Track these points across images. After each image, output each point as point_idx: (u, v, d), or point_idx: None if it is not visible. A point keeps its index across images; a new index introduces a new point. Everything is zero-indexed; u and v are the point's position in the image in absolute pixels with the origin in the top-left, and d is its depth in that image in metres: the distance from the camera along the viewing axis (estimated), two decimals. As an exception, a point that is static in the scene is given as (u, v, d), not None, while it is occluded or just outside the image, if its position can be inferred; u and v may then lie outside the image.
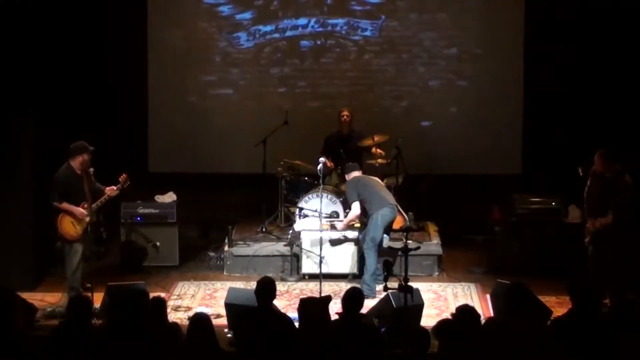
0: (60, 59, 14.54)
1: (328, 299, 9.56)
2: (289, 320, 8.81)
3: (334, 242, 12.76)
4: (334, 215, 13.05)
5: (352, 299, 8.61)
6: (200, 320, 8.15)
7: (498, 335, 8.15)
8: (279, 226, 14.00)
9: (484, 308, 11.50)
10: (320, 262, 11.90)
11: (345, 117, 14.11)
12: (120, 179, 11.66)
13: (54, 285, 12.39)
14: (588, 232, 11.45)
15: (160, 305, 8.73)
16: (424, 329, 8.17)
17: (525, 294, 8.72)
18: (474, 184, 15.23)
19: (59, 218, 11.51)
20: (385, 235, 12.87)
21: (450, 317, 9.23)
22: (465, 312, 8.14)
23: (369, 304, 11.05)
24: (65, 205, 11.49)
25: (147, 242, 13.44)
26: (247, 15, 15.55)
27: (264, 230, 13.79)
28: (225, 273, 13.20)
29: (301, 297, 10.20)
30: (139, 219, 13.47)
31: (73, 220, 11.49)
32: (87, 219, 11.53)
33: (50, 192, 11.53)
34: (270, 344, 8.23)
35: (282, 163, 13.81)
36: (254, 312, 8.74)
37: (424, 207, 14.25)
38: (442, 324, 8.10)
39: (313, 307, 8.76)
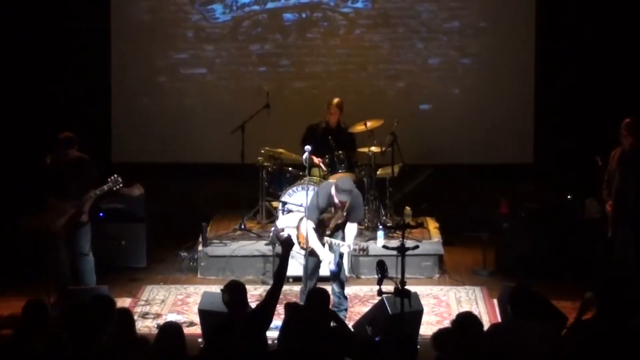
0: (12, 34, 14.53)
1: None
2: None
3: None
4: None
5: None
6: (170, 331, 8.10)
7: (503, 343, 8.13)
8: (259, 223, 14.00)
9: (490, 314, 11.53)
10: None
11: (334, 111, 13.86)
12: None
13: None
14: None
15: (126, 317, 8.63)
16: (410, 338, 8.19)
17: (532, 296, 8.70)
18: (479, 175, 15.34)
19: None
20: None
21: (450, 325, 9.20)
22: (465, 320, 8.10)
23: (361, 310, 11.05)
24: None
25: (111, 241, 13.38)
26: (224, -16, 15.59)
27: (242, 227, 13.77)
28: (199, 276, 13.26)
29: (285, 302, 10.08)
30: (101, 215, 13.43)
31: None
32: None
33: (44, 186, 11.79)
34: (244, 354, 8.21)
35: (262, 152, 13.79)
36: (230, 320, 8.69)
37: (423, 201, 14.27)
38: (441, 334, 8.08)
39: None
